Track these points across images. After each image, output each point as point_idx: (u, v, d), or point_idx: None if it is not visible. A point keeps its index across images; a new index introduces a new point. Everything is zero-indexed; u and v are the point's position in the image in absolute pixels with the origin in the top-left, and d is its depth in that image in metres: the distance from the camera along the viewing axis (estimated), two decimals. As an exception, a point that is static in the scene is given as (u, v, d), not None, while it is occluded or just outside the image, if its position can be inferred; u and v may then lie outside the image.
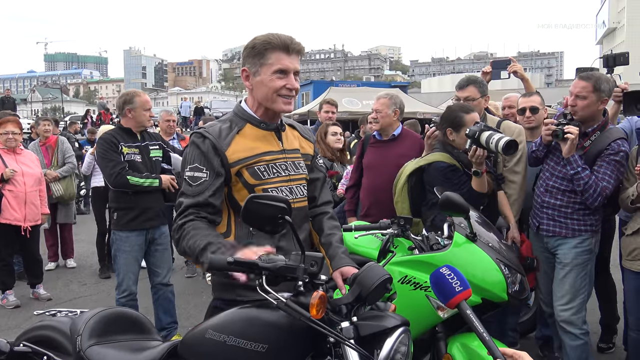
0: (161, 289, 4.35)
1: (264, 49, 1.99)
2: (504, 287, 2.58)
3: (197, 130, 2.09)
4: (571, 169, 3.12)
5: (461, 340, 2.57)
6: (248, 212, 1.61)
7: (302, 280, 1.59)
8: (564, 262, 3.26)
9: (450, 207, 2.60)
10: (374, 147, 4.29)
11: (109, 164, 4.02)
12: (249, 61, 2.04)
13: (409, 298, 2.61)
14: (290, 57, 2.01)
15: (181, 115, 27.89)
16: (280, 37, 2.00)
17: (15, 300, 5.45)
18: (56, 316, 2.45)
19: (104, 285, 6.18)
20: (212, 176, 1.98)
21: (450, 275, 1.69)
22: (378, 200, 3.93)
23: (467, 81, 3.74)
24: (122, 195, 4.08)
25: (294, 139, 2.22)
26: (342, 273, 1.98)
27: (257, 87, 2.04)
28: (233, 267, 1.51)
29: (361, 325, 1.63)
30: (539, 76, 70.54)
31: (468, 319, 1.62)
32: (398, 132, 4.24)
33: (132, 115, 4.14)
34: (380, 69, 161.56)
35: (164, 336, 4.32)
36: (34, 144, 6.86)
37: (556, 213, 3.29)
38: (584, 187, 3.12)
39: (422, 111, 19.51)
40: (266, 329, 1.63)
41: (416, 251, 2.77)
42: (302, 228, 2.14)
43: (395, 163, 3.94)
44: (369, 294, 1.63)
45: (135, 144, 4.15)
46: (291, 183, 2.10)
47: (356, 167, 4.41)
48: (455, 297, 1.66)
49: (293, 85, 2.02)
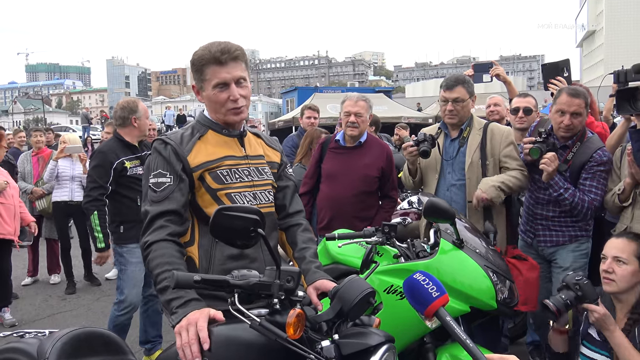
0: (152, 300, 4.25)
1: (200, 65, 1.96)
2: (492, 294, 2.50)
3: (159, 137, 2.04)
4: (554, 192, 3.14)
5: (450, 351, 2.49)
6: (217, 225, 1.50)
7: (277, 298, 1.49)
8: (564, 267, 3.24)
9: (436, 213, 2.52)
10: (336, 154, 4.00)
11: (92, 184, 3.95)
12: (195, 77, 2.03)
13: (395, 308, 2.51)
14: (226, 67, 1.94)
15: (165, 124, 27.75)
16: (211, 50, 1.93)
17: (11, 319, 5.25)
18: (24, 337, 2.32)
19: (84, 299, 6.02)
20: (176, 180, 1.93)
21: (425, 281, 1.57)
22: (341, 212, 3.73)
23: (456, 81, 3.47)
24: (129, 207, 3.96)
25: (257, 146, 2.18)
26: (316, 288, 1.90)
27: (206, 101, 2.04)
28: (201, 286, 1.40)
29: (343, 344, 1.52)
30: (521, 79, 71.33)
31: (448, 327, 1.51)
32: (364, 139, 3.97)
33: (137, 124, 4.06)
34: (365, 74, 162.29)
35: (148, 349, 4.26)
36: (25, 155, 6.74)
37: (550, 223, 3.30)
38: (570, 207, 3.13)
39: (407, 115, 19.67)
40: (241, 349, 1.52)
41: (402, 259, 2.68)
42: (271, 236, 2.07)
43: (361, 173, 3.86)
44: (351, 309, 1.53)
45: (136, 155, 4.06)
46: (255, 189, 2.05)
47: (312, 173, 4.11)
48: (433, 303, 1.54)
49: (235, 96, 1.96)
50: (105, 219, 3.97)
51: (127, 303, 3.99)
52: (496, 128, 3.46)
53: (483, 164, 3.35)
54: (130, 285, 3.99)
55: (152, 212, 1.89)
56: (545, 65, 3.83)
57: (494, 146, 3.37)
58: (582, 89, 3.39)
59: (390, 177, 4.00)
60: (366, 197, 3.90)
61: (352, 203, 3.64)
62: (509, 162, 3.33)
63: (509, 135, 3.42)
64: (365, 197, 3.90)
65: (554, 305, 2.42)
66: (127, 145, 4.07)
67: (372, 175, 3.91)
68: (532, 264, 3.17)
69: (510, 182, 3.23)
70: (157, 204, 1.89)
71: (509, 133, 3.45)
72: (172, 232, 1.86)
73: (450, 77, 3.53)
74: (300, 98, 23.58)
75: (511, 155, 3.34)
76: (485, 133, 3.41)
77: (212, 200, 1.96)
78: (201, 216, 1.99)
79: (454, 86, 3.42)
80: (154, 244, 1.83)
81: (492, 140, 3.38)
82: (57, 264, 6.80)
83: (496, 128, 3.46)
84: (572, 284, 2.46)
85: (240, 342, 1.53)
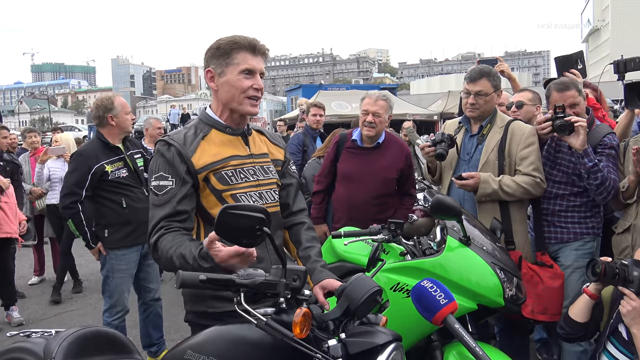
0: (152, 305, 4.18)
1: (230, 49, 1.94)
2: (500, 291, 2.48)
3: (162, 138, 2.01)
4: (589, 161, 2.95)
5: (457, 349, 2.47)
6: (222, 224, 1.48)
7: (283, 297, 1.47)
8: (565, 265, 3.17)
9: (442, 211, 2.50)
10: (353, 154, 3.81)
11: (65, 190, 3.82)
12: (214, 62, 1.98)
13: (402, 306, 2.50)
14: (256, 58, 1.97)
15: (170, 123, 27.76)
16: (246, 38, 1.97)
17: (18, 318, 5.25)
18: (30, 337, 2.32)
19: (91, 298, 6.03)
20: (178, 184, 1.91)
21: (433, 288, 1.57)
22: (358, 215, 3.55)
23: (480, 73, 3.23)
24: (114, 210, 3.81)
25: (262, 143, 2.16)
26: (322, 287, 1.91)
27: (222, 87, 1.99)
28: (207, 286, 1.39)
29: (350, 343, 1.51)
30: (527, 75, 70.88)
31: (457, 334, 1.51)
32: (382, 139, 3.77)
33: (115, 122, 3.83)
34: (369, 71, 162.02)
35: (154, 352, 4.21)
36: (24, 156, 6.77)
37: (555, 219, 3.21)
38: (601, 180, 2.95)
39: (412, 112, 19.63)
40: (247, 349, 1.51)
41: (408, 257, 2.67)
42: (276, 235, 2.06)
43: (380, 176, 3.70)
44: (358, 307, 1.52)
45: (119, 157, 3.87)
46: (260, 188, 2.04)
47: (328, 171, 3.93)
48: (441, 310, 1.54)
49: (260, 85, 1.99)
50: (82, 222, 3.78)
51: (119, 308, 3.88)
52: (517, 127, 3.21)
53: (500, 165, 3.15)
54: (117, 292, 3.87)
55: (155, 216, 1.90)
56: (558, 58, 3.75)
57: (513, 146, 3.16)
58: (568, 79, 3.32)
59: (410, 177, 3.87)
60: (385, 199, 3.75)
61: (370, 206, 3.49)
62: (522, 165, 3.11)
63: (529, 136, 3.15)
64: (384, 199, 3.74)
65: (605, 266, 2.25)
66: (109, 146, 3.86)
67: (391, 178, 3.75)
68: (556, 272, 3.05)
69: (509, 188, 3.03)
70: (159, 208, 1.89)
71: (529, 134, 3.16)
72: (175, 227, 1.87)
73: (475, 69, 3.32)
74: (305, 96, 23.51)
75: (527, 157, 3.10)
76: (507, 132, 3.20)
77: (217, 201, 1.95)
78: (206, 217, 1.97)
79: (478, 79, 3.22)
80: (158, 240, 1.84)
81: (512, 140, 3.17)
82: None
83: (517, 127, 3.21)
84: (632, 264, 2.30)
85: (246, 341, 1.53)
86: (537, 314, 2.95)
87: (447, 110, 19.53)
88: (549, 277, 3.00)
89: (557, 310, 2.95)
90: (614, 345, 2.39)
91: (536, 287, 2.96)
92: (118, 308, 3.88)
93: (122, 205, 3.82)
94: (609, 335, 2.41)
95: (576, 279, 3.12)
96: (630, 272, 2.26)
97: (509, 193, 3.05)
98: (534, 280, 2.98)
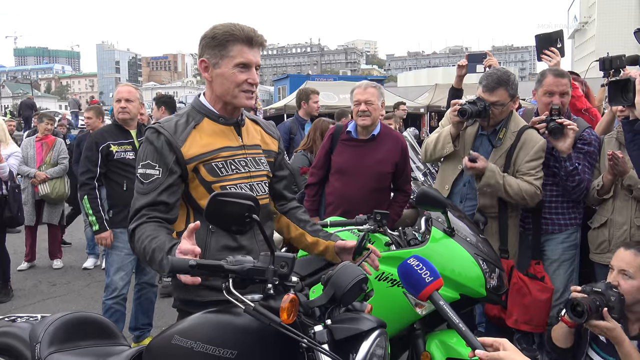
0: (145, 288, 4.28)
1: (225, 40, 1.89)
2: (482, 282, 2.54)
3: (152, 125, 1.97)
4: (570, 165, 3.02)
5: (440, 337, 2.54)
6: (212, 211, 1.50)
7: (271, 283, 1.50)
8: (552, 259, 3.23)
9: (427, 202, 2.54)
10: (348, 146, 3.73)
11: (82, 168, 4.03)
12: (209, 52, 1.93)
13: (386, 295, 2.55)
14: (252, 51, 1.92)
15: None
16: (243, 29, 1.90)
17: None
18: (16, 322, 2.33)
19: (74, 285, 6.01)
20: (165, 173, 1.87)
21: (419, 266, 1.59)
22: (351, 209, 3.45)
23: (498, 82, 3.02)
24: (118, 192, 3.98)
25: (255, 133, 2.13)
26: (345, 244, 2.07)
27: (217, 79, 1.95)
28: (196, 271, 1.41)
29: (335, 329, 1.54)
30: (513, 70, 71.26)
31: (442, 310, 1.54)
32: (377, 131, 3.69)
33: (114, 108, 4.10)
34: (357, 63, 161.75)
35: (137, 336, 4.28)
36: (29, 140, 6.74)
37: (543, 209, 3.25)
38: (577, 182, 3.05)
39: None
40: (235, 334, 1.54)
41: (393, 247, 2.72)
42: (266, 226, 2.05)
43: (374, 170, 3.63)
44: (344, 294, 1.54)
45: (128, 141, 4.05)
46: (251, 180, 2.03)
47: (322, 164, 3.84)
48: (427, 288, 1.57)
49: (255, 79, 1.94)
50: (97, 202, 3.95)
51: (113, 287, 3.99)
52: (530, 138, 3.09)
53: (505, 170, 3.09)
54: (114, 269, 4.01)
55: (137, 203, 1.87)
56: (539, 36, 3.73)
57: (521, 156, 3.09)
58: (560, 69, 3.36)
59: (405, 171, 3.80)
60: (378, 194, 3.69)
61: (364, 200, 3.44)
62: (526, 174, 3.06)
63: (539, 150, 3.07)
64: (378, 193, 3.69)
65: (588, 305, 2.19)
66: (120, 129, 4.09)
67: (386, 172, 3.68)
68: (546, 286, 3.05)
69: (510, 188, 3.00)
70: (143, 196, 1.86)
71: (540, 148, 3.07)
72: (155, 216, 1.84)
73: (492, 76, 3.07)
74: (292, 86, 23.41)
75: (533, 168, 3.06)
76: (518, 139, 3.10)
77: (205, 192, 1.91)
78: (195, 206, 1.96)
79: (495, 88, 3.02)
80: (137, 228, 1.82)
81: (521, 149, 3.09)
82: (58, 248, 6.83)
83: (530, 138, 3.09)
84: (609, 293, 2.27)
85: (234, 326, 1.55)
86: (521, 324, 3.00)
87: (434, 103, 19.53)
88: (538, 290, 3.01)
89: (541, 322, 2.99)
90: (596, 352, 2.42)
91: (524, 298, 3.00)
92: (113, 287, 4.00)
93: (123, 188, 3.95)
94: (591, 344, 2.44)
95: (563, 272, 3.20)
96: (608, 297, 2.27)
97: (509, 192, 3.03)
98: (523, 291, 3.01)
